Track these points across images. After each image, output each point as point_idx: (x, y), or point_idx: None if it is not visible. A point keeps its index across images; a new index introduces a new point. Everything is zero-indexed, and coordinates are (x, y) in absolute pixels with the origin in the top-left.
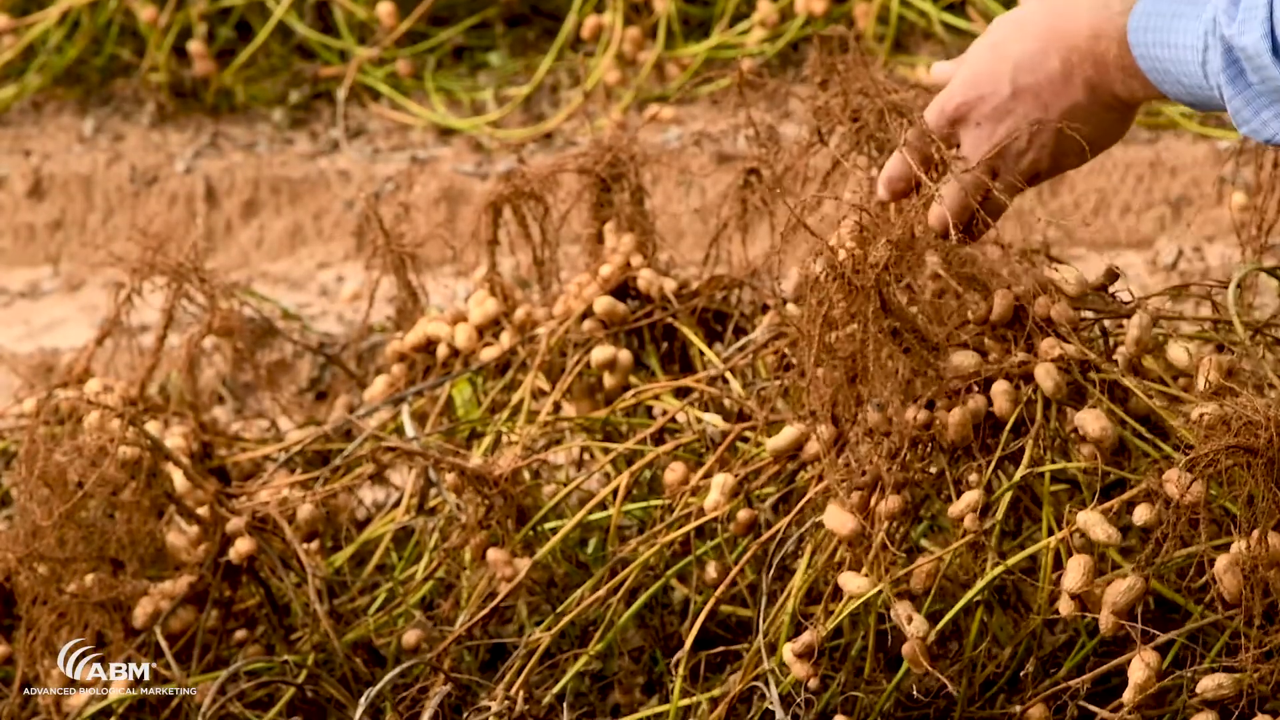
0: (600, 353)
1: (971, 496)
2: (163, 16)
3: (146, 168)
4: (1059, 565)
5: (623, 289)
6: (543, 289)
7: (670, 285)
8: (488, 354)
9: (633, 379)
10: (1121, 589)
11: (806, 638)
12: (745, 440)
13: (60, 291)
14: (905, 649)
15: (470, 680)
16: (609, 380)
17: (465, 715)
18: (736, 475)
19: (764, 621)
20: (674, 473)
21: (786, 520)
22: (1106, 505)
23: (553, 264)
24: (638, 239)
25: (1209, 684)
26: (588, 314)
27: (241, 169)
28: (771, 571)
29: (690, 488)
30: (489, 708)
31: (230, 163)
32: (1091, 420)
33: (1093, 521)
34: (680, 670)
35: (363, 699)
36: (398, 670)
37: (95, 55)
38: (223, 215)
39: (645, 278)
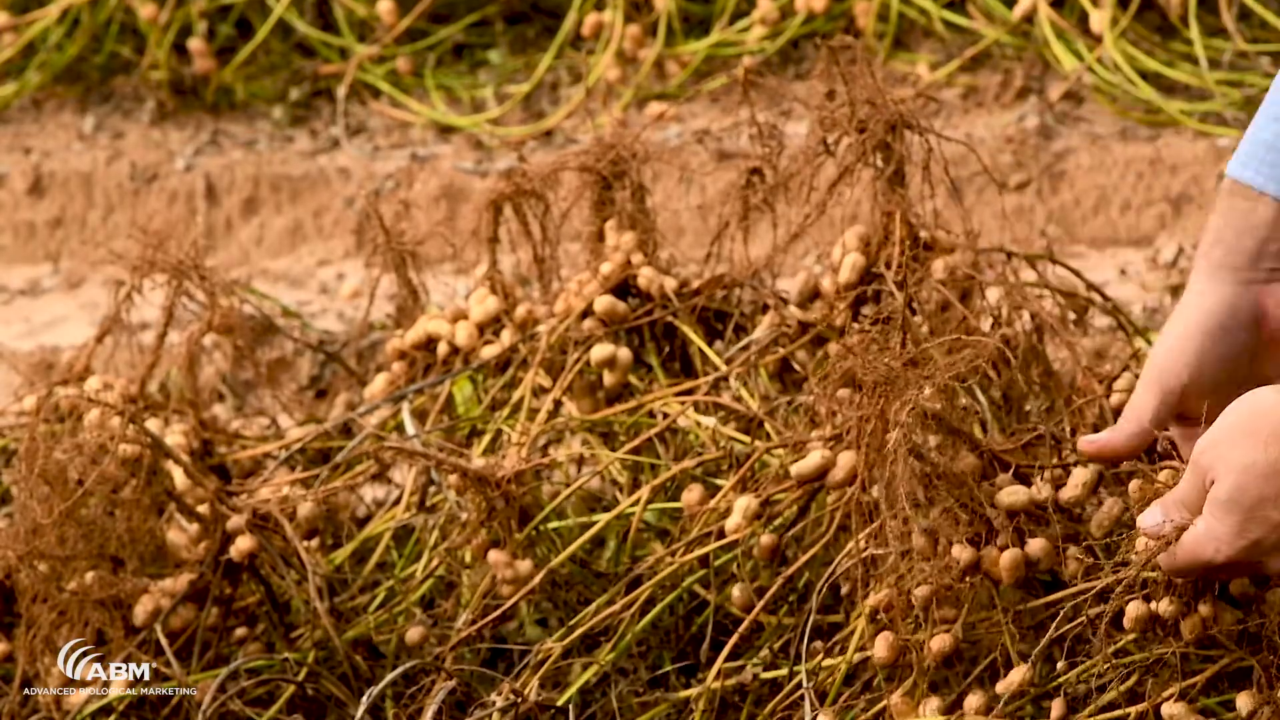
0: (600, 351)
1: (1017, 676)
2: (163, 14)
3: (147, 165)
4: None
5: (623, 287)
6: (543, 287)
7: (671, 284)
8: (488, 352)
9: (633, 378)
10: None
11: None
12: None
13: (60, 289)
14: None
15: (475, 671)
16: (609, 378)
17: (470, 710)
18: (759, 496)
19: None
20: (692, 493)
21: (809, 554)
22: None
23: (553, 262)
24: (638, 237)
25: None
26: (588, 312)
27: (241, 166)
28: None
29: (709, 509)
30: (494, 703)
31: (230, 160)
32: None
33: (1180, 714)
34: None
35: (365, 698)
36: (401, 670)
37: (95, 53)
38: (223, 213)
39: (646, 276)
